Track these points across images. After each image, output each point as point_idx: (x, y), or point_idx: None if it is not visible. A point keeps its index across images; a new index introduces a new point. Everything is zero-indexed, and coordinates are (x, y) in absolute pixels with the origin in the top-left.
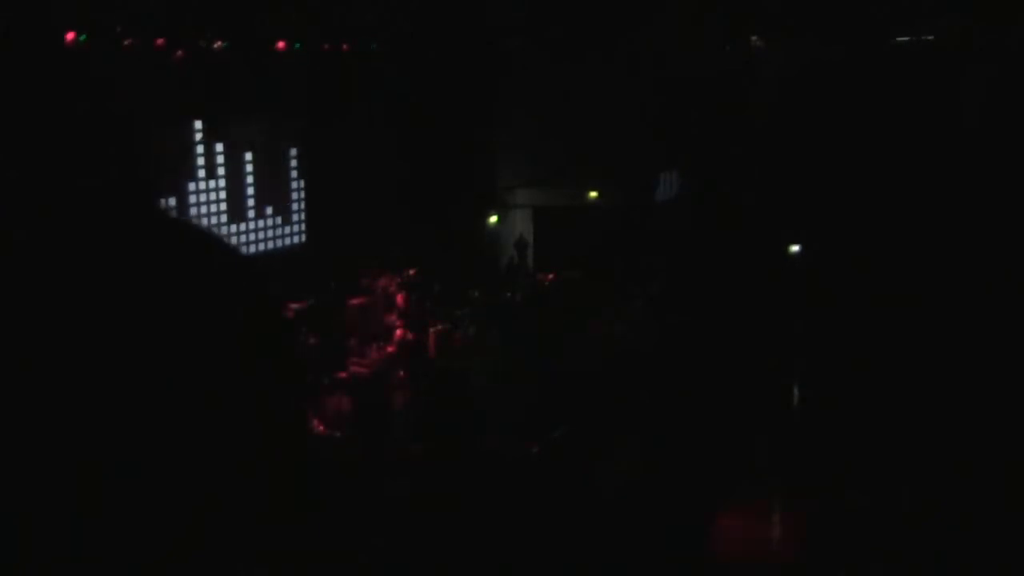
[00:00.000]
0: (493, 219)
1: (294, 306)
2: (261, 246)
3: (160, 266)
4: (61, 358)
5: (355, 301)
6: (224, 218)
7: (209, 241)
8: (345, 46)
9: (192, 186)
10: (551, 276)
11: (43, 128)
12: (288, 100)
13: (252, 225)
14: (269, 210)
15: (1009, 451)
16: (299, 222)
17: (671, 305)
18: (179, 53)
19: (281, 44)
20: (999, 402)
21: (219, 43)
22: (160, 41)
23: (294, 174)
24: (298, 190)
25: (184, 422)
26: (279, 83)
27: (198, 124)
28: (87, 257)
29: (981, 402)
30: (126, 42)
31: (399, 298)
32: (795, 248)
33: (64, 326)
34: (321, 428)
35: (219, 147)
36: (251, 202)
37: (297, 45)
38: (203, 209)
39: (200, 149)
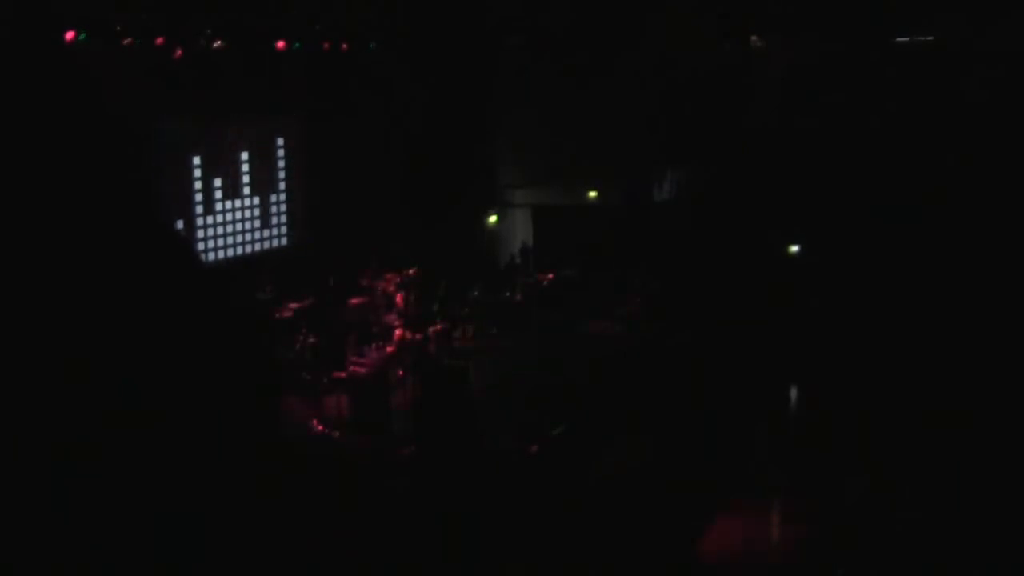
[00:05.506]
0: (493, 219)
1: (294, 306)
2: (261, 245)
3: (157, 268)
4: (60, 357)
5: (355, 301)
6: (225, 216)
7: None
8: (345, 46)
9: (190, 185)
10: (551, 275)
11: (43, 128)
12: (288, 99)
13: (252, 224)
14: (269, 209)
15: (1009, 451)
16: (299, 222)
17: (671, 305)
18: (178, 52)
19: (281, 44)
20: (999, 402)
21: (219, 42)
22: (159, 40)
23: (293, 173)
24: (298, 190)
25: (182, 421)
26: (279, 82)
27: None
28: (86, 258)
29: (981, 402)
30: (125, 41)
31: (399, 298)
32: (795, 248)
33: (63, 326)
34: (321, 428)
35: (217, 146)
36: (248, 200)
37: (297, 45)
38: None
39: (201, 147)
